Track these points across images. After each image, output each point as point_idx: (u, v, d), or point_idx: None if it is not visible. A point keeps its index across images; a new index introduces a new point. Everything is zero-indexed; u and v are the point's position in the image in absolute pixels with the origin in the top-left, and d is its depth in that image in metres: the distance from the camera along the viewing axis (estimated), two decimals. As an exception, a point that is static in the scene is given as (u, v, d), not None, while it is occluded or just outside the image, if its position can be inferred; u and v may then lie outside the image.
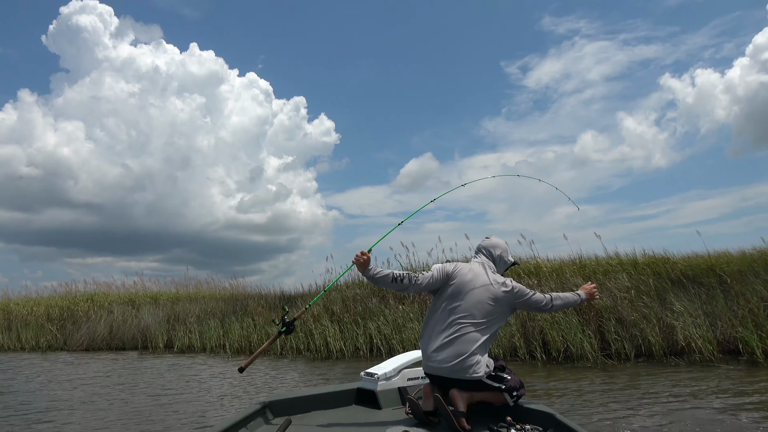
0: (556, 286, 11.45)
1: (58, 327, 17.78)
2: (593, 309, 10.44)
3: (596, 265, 12.46)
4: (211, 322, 15.75)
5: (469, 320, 2.95)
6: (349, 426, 2.95)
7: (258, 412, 2.98)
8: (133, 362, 13.04)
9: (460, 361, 2.86)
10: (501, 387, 2.91)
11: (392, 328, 12.09)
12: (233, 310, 16.90)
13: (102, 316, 17.78)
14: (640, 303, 10.04)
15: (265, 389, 8.66)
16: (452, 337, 2.92)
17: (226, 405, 7.36)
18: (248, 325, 14.84)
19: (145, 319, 17.20)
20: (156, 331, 16.19)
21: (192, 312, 17.22)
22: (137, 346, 16.36)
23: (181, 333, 15.53)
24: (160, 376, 10.34)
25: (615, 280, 11.13)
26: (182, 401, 7.67)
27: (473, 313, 2.96)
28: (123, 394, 8.37)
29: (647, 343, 9.48)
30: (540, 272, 12.61)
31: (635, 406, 6.23)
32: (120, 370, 11.50)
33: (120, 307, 18.16)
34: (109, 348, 16.59)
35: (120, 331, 17.00)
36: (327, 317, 13.40)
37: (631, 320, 9.78)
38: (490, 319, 2.99)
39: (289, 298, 17.26)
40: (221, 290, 20.67)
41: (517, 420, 2.73)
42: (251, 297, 18.02)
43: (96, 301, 19.23)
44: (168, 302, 18.66)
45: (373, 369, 3.56)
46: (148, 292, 20.61)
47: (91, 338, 16.88)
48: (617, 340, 9.60)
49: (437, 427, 2.82)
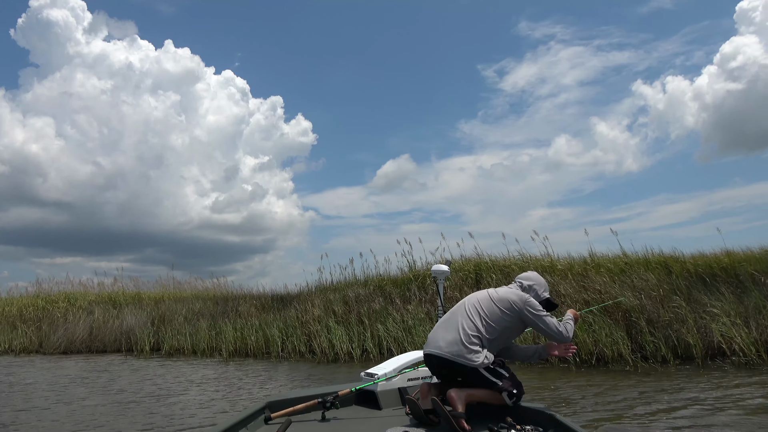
0: (578, 287, 10.87)
1: (33, 329, 16.55)
2: (620, 309, 9.86)
3: (610, 262, 11.96)
4: (201, 323, 14.80)
5: (478, 318, 2.98)
6: (350, 426, 2.97)
7: (258, 412, 3.00)
8: (119, 366, 12.01)
9: (460, 346, 2.87)
10: (498, 383, 2.87)
11: (402, 330, 11.34)
12: (224, 311, 16.00)
13: (81, 317, 16.65)
14: (673, 303, 9.48)
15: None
16: (458, 327, 2.96)
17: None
18: (242, 327, 13.94)
19: (128, 320, 16.16)
20: (141, 332, 15.15)
21: (179, 312, 16.25)
22: (120, 349, 15.30)
23: (169, 335, 14.52)
24: (161, 379, 9.41)
25: (641, 278, 10.59)
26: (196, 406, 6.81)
27: (483, 315, 2.99)
28: (135, 406, 7.45)
29: (684, 345, 8.91)
30: (555, 270, 12.04)
31: (704, 415, 5.60)
32: (105, 373, 10.50)
33: (100, 308, 17.05)
34: (89, 351, 15.48)
35: (101, 333, 15.92)
36: (332, 319, 12.57)
37: (665, 321, 9.21)
38: (499, 326, 2.97)
39: (283, 298, 16.45)
40: (203, 290, 19.77)
41: (517, 421, 2.68)
42: (242, 297, 17.13)
43: (73, 301, 18.04)
44: (151, 302, 17.65)
45: (373, 369, 3.57)
46: (129, 292, 19.49)
47: (70, 340, 15.73)
48: (653, 342, 8.99)
49: (437, 427, 2.78)
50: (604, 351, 9.07)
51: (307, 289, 16.42)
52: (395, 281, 13.95)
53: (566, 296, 10.56)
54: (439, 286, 4.25)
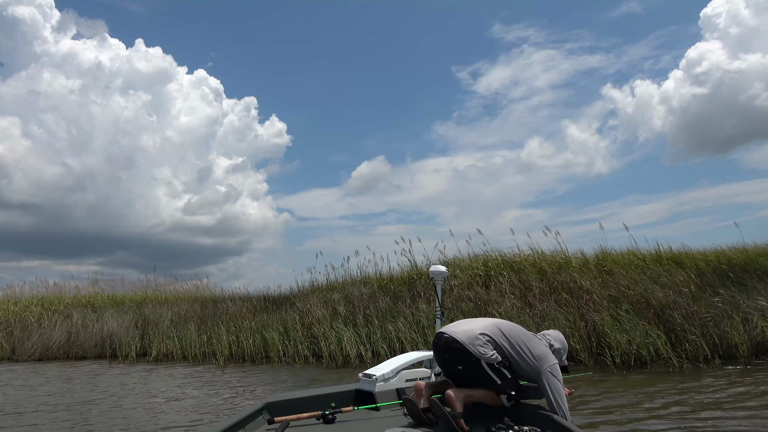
0: (602, 283, 10.30)
1: (4, 334, 15.26)
2: (652, 307, 9.31)
3: (622, 258, 11.45)
4: (191, 327, 13.80)
5: (501, 335, 2.93)
6: (348, 427, 2.94)
7: (257, 413, 2.99)
8: (105, 372, 10.96)
9: (472, 335, 2.86)
10: (497, 381, 2.83)
11: (416, 330, 10.59)
12: (213, 314, 15.02)
13: (57, 321, 15.44)
14: (715, 298, 8.95)
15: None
16: (478, 324, 2.98)
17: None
18: (236, 330, 12.99)
19: (110, 324, 15.04)
20: (125, 337, 14.07)
21: (164, 316, 15.20)
22: (102, 355, 14.20)
23: (157, 340, 13.48)
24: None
25: (664, 274, 10.08)
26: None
27: (509, 334, 2.95)
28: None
29: (725, 343, 8.36)
30: (570, 266, 11.46)
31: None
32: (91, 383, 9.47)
33: (78, 311, 15.87)
34: (67, 357, 14.32)
35: (80, 338, 14.76)
36: (338, 320, 11.74)
37: (706, 318, 8.67)
38: (516, 356, 2.91)
39: (276, 299, 15.57)
40: (183, 292, 18.73)
41: (515, 421, 2.67)
42: (231, 299, 16.17)
43: (47, 305, 16.78)
44: (132, 305, 16.54)
45: (371, 370, 3.56)
46: (108, 295, 18.31)
47: (46, 346, 14.53)
48: (693, 340, 8.42)
49: (436, 427, 2.78)
50: (640, 352, 8.46)
51: (298, 289, 15.68)
52: (398, 279, 13.26)
53: (592, 292, 9.97)
54: (438, 288, 4.13)
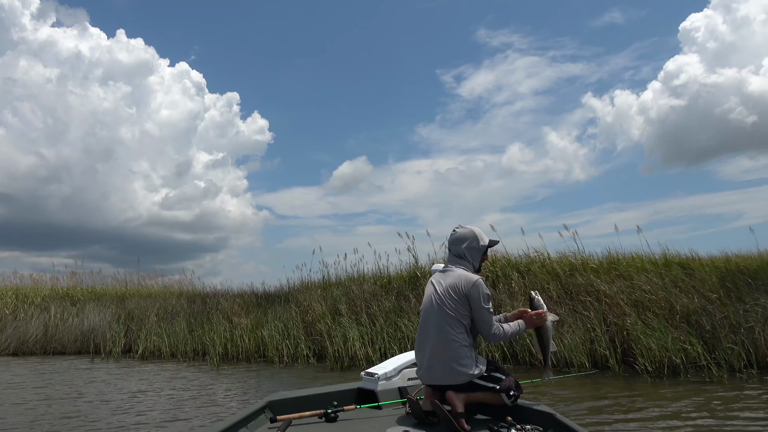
0: (620, 287, 9.83)
1: (-25, 327, 14.25)
2: (677, 312, 8.86)
3: (634, 262, 11.01)
4: (180, 322, 13.00)
5: (446, 327, 2.87)
6: (350, 426, 2.91)
7: (259, 411, 2.97)
8: (90, 371, 10.12)
9: (451, 368, 2.83)
10: (495, 387, 2.85)
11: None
12: (202, 310, 14.22)
13: (33, 314, 14.49)
14: (745, 305, 8.53)
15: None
16: (438, 347, 2.88)
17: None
18: (230, 327, 12.25)
19: (91, 319, 14.16)
20: (108, 332, 13.21)
21: (150, 311, 14.36)
22: (81, 350, 13.32)
23: (143, 335, 12.65)
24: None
25: (685, 278, 9.66)
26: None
27: (451, 316, 2.88)
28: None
29: (762, 352, 7.93)
30: (587, 269, 10.98)
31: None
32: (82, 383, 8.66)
33: (56, 304, 14.93)
34: (44, 352, 13.40)
35: (58, 333, 13.86)
36: (341, 318, 11.08)
37: (737, 324, 8.24)
38: (467, 320, 2.89)
39: (268, 296, 14.84)
40: (165, 287, 17.96)
41: (517, 420, 2.67)
42: (222, 295, 15.38)
43: (23, 297, 15.78)
44: (114, 299, 15.65)
45: (373, 369, 3.55)
46: (88, 288, 17.35)
47: (21, 340, 13.60)
48: (728, 348, 7.97)
49: (437, 426, 2.76)
50: (673, 359, 7.99)
51: (287, 286, 14.96)
52: (399, 278, 12.66)
53: (614, 296, 9.48)
54: None
